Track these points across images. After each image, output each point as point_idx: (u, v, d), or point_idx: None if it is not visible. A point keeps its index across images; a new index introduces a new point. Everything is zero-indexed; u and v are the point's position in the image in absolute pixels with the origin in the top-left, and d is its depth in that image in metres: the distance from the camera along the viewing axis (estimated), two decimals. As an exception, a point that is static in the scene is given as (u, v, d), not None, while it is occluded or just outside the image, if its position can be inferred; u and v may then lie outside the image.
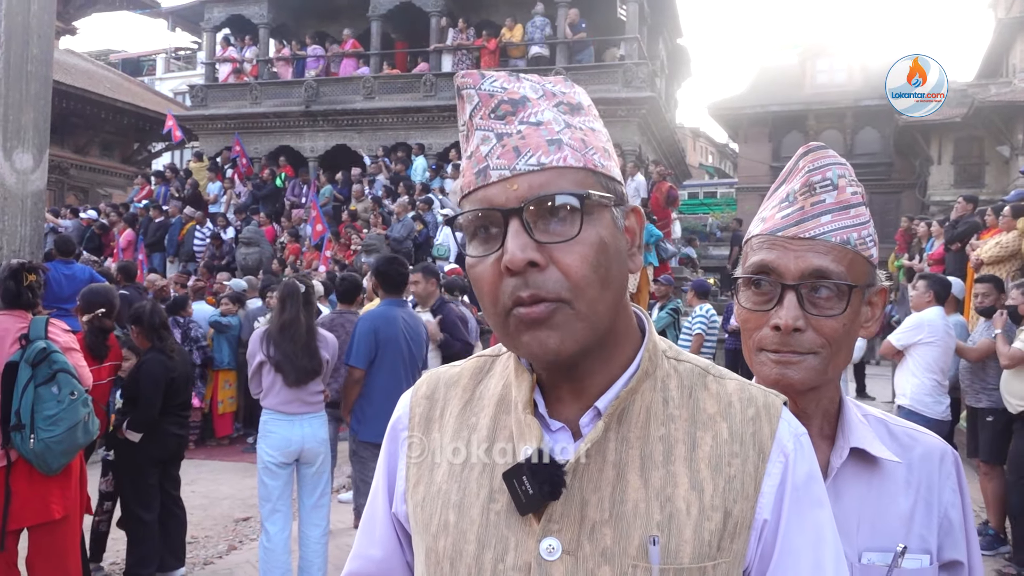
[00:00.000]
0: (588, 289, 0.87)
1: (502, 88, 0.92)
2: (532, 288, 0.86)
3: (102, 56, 33.99)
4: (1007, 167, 20.83)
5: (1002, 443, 5.66)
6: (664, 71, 22.21)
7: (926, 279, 5.88)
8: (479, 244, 0.91)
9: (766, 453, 0.92)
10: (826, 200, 1.21)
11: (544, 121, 0.90)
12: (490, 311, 0.91)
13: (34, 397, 3.55)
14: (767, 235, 1.23)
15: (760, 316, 1.22)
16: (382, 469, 1.08)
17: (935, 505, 1.21)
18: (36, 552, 3.77)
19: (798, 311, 1.18)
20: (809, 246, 1.19)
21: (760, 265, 1.22)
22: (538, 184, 0.87)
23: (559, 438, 0.94)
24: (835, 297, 1.19)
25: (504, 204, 0.88)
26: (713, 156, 48.42)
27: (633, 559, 0.87)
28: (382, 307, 4.93)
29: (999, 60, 23.97)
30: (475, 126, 0.92)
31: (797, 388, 1.19)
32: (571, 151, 0.89)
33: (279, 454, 4.44)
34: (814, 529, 0.91)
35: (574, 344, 0.88)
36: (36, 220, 6.47)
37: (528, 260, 0.85)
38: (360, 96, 18.49)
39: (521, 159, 0.88)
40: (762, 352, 1.22)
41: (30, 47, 6.24)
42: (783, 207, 1.24)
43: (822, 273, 1.18)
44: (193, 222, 15.02)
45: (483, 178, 0.89)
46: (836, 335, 1.19)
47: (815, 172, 1.24)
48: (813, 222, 1.20)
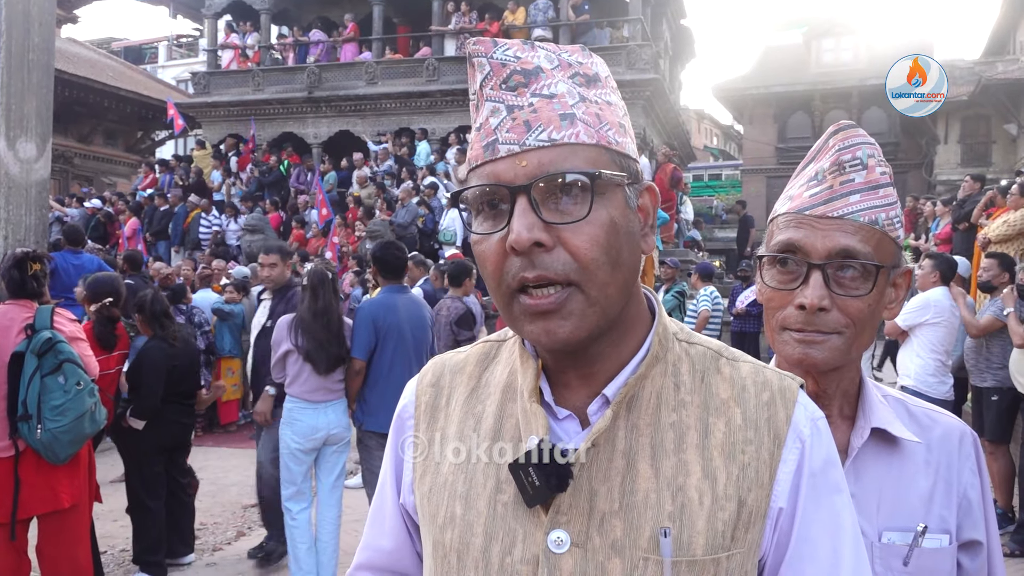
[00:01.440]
0: (598, 272, 0.84)
1: (515, 57, 0.88)
2: (539, 269, 0.83)
3: (104, 44, 33.90)
4: (1014, 145, 20.71)
5: (1007, 422, 5.65)
6: (668, 52, 22.07)
7: (932, 259, 5.86)
8: (485, 220, 0.87)
9: (782, 439, 0.89)
10: (855, 180, 1.20)
11: (558, 94, 0.86)
12: (495, 290, 0.88)
13: (40, 387, 3.55)
14: (794, 213, 1.22)
15: (785, 295, 1.21)
16: (389, 459, 1.06)
17: (954, 485, 1.21)
18: (46, 540, 3.80)
19: (824, 290, 1.17)
20: (837, 225, 1.18)
21: (787, 243, 1.21)
22: (548, 161, 0.83)
23: (566, 427, 0.91)
24: (861, 277, 1.18)
25: (512, 181, 0.84)
26: (718, 138, 48.22)
27: (644, 551, 0.85)
28: (382, 294, 4.91)
29: (1006, 37, 23.78)
30: (485, 96, 0.88)
31: (820, 368, 1.19)
32: (584, 127, 0.85)
33: (305, 441, 4.47)
34: (831, 516, 0.89)
35: (585, 332, 0.85)
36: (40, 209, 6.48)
37: (534, 240, 0.82)
38: (363, 81, 18.43)
39: (531, 134, 0.84)
40: (785, 331, 1.21)
41: (31, 35, 6.22)
42: (811, 186, 1.23)
43: (849, 253, 1.17)
44: (198, 210, 15.02)
45: (491, 152, 0.86)
46: (861, 315, 1.18)
47: (845, 151, 1.22)
48: (841, 201, 1.19)
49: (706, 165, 35.67)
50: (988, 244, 7.56)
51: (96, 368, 3.92)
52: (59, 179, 19.48)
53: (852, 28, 27.34)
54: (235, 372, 9.51)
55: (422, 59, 18.23)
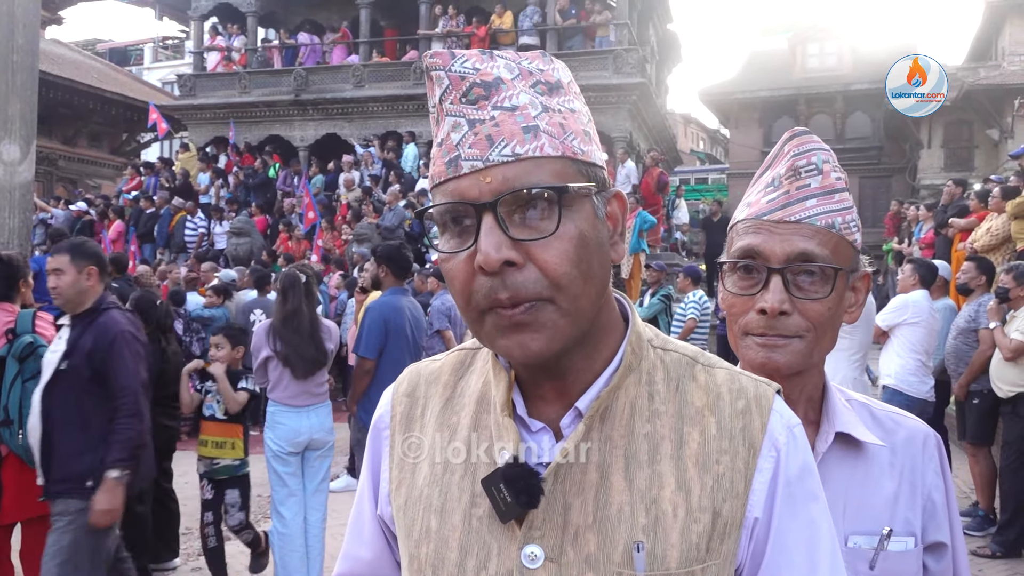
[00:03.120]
0: (570, 286, 0.82)
1: (474, 69, 0.85)
2: (510, 290, 0.81)
3: (89, 46, 33.71)
4: (996, 150, 20.88)
5: (988, 424, 5.72)
6: (654, 57, 22.16)
7: (912, 263, 5.94)
8: (451, 238, 0.85)
9: (756, 448, 0.88)
10: (811, 184, 1.21)
11: (520, 105, 0.84)
12: (463, 309, 0.86)
13: (22, 392, 3.51)
14: (753, 219, 1.23)
15: (746, 300, 1.22)
16: (367, 469, 1.06)
17: (919, 487, 1.22)
18: (29, 547, 3.76)
19: (784, 294, 1.18)
20: (795, 230, 1.19)
21: (746, 249, 1.22)
22: (513, 176, 0.81)
23: (540, 440, 0.90)
24: (820, 281, 1.19)
25: (477, 198, 0.82)
26: (704, 142, 48.40)
27: (618, 566, 0.84)
28: (389, 296, 4.94)
29: (988, 43, 24.00)
30: (445, 111, 0.85)
31: (783, 372, 1.19)
32: (548, 139, 0.83)
33: (287, 444, 4.47)
34: (808, 524, 0.88)
35: (558, 344, 0.84)
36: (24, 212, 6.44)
37: (503, 259, 0.80)
38: (350, 84, 18.41)
39: (495, 149, 0.82)
40: (748, 336, 1.22)
41: (15, 37, 6.19)
42: (768, 192, 1.24)
43: (808, 256, 1.18)
44: (183, 213, 14.95)
45: (454, 168, 0.83)
46: (822, 319, 1.19)
47: (800, 157, 1.23)
48: (798, 206, 1.20)
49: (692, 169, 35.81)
50: (975, 254, 7.64)
51: None
52: (43, 181, 19.34)
53: (837, 33, 27.52)
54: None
55: (409, 62, 18.22)
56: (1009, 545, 5.24)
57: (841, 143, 26.47)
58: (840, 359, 5.12)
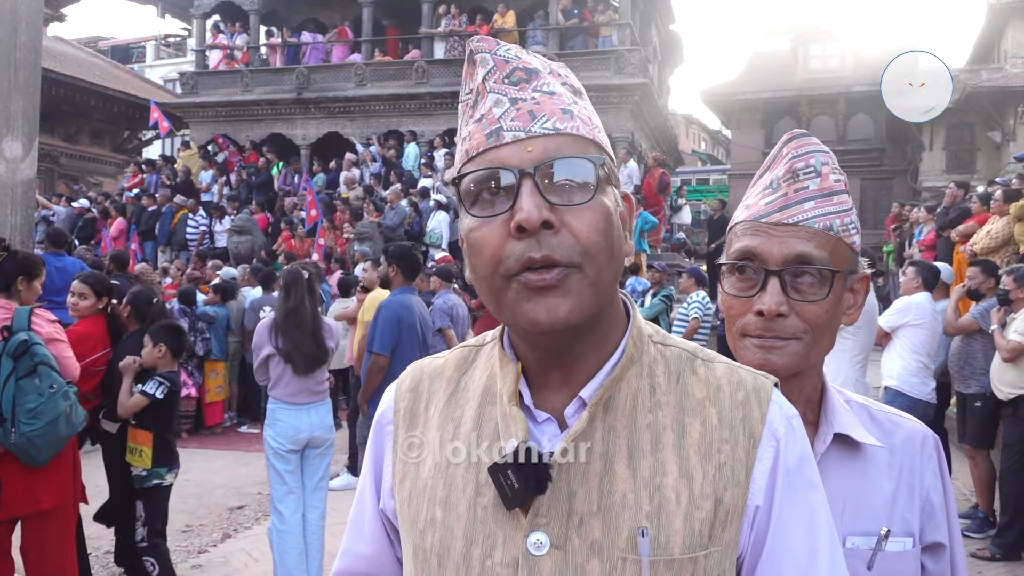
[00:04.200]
0: (599, 255, 0.86)
1: (517, 56, 0.93)
2: (546, 250, 0.84)
3: (91, 43, 33.73)
4: (998, 153, 20.89)
5: (989, 427, 5.72)
6: (657, 57, 22.15)
7: (915, 265, 5.92)
8: (484, 206, 0.88)
9: (756, 438, 0.90)
10: (809, 187, 1.22)
11: (556, 92, 0.91)
12: (488, 277, 0.88)
13: (15, 390, 3.50)
14: (751, 221, 1.24)
15: (744, 302, 1.22)
16: (369, 465, 1.07)
17: (917, 488, 1.23)
18: (29, 542, 3.77)
19: (781, 296, 1.18)
20: (792, 232, 1.19)
21: (744, 251, 1.22)
22: (554, 147, 0.87)
23: (545, 429, 0.93)
24: (818, 283, 1.19)
25: (518, 165, 0.86)
26: (706, 143, 48.39)
27: (622, 551, 0.85)
28: (399, 294, 4.99)
29: (990, 46, 24.00)
30: (488, 89, 0.91)
31: (781, 373, 1.18)
32: (582, 123, 0.90)
33: (287, 442, 4.47)
34: (807, 512, 0.90)
35: (582, 312, 0.86)
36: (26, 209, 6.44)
37: (543, 220, 0.84)
38: (352, 83, 18.41)
39: (536, 122, 0.88)
40: (746, 338, 1.23)
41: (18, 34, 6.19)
42: (767, 194, 1.25)
43: (805, 259, 1.18)
44: (184, 211, 14.95)
45: (496, 139, 0.88)
46: (819, 320, 1.20)
47: (798, 159, 1.24)
48: (796, 208, 1.21)
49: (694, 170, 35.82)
50: (975, 257, 7.64)
51: (76, 370, 3.86)
52: (45, 178, 19.35)
53: (839, 35, 27.53)
54: (219, 374, 9.51)
55: (411, 61, 18.22)
56: (1008, 547, 5.24)
57: (843, 145, 26.47)
58: (842, 360, 5.12)
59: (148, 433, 4.14)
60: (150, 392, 4.08)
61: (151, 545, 4.15)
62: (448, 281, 8.24)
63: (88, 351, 4.32)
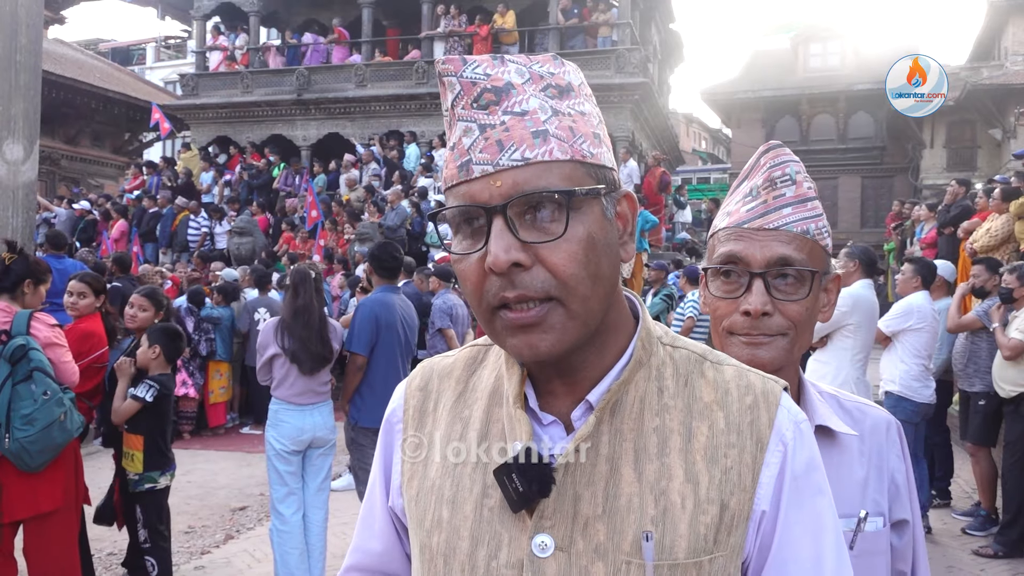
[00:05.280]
0: (579, 287, 0.84)
1: (485, 75, 0.87)
2: (519, 288, 0.83)
3: (91, 45, 33.74)
4: (999, 150, 20.88)
5: (991, 425, 5.71)
6: (657, 56, 22.16)
7: (913, 263, 5.87)
8: (464, 239, 0.88)
9: (764, 443, 0.89)
10: (786, 194, 1.30)
11: (529, 110, 0.86)
12: (476, 307, 0.89)
13: (12, 395, 3.49)
14: (733, 227, 1.32)
15: (730, 303, 1.30)
16: (379, 462, 1.07)
17: (885, 471, 1.32)
18: (31, 544, 3.77)
19: (766, 296, 1.26)
20: (773, 236, 1.28)
21: (728, 255, 1.30)
22: (523, 180, 0.83)
23: (551, 432, 0.92)
24: (798, 283, 1.28)
25: (487, 201, 0.84)
26: (706, 142, 48.37)
27: (627, 555, 0.85)
28: (379, 293, 4.94)
29: (991, 43, 23.98)
30: (457, 116, 0.88)
31: (768, 368, 1.24)
32: (557, 143, 0.85)
33: (290, 442, 4.47)
34: (814, 519, 0.90)
35: (566, 345, 0.86)
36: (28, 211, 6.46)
37: (512, 261, 0.82)
38: (352, 84, 18.42)
39: (504, 154, 0.84)
40: (733, 336, 1.31)
41: (19, 37, 6.20)
42: (747, 201, 1.33)
43: (786, 261, 1.27)
44: (185, 212, 14.96)
45: (465, 172, 0.86)
46: (801, 318, 1.28)
47: (776, 168, 1.32)
48: (776, 214, 1.29)
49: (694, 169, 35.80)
50: (975, 255, 7.63)
51: (75, 375, 3.84)
52: (46, 181, 19.38)
53: (839, 33, 27.51)
54: (223, 374, 9.53)
55: (411, 62, 18.24)
56: (1011, 545, 5.24)
57: (843, 143, 26.48)
58: (843, 359, 5.11)
59: (139, 437, 4.07)
60: (140, 396, 4.01)
61: (154, 546, 4.13)
62: (447, 281, 8.25)
63: (91, 348, 4.33)
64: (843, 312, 5.11)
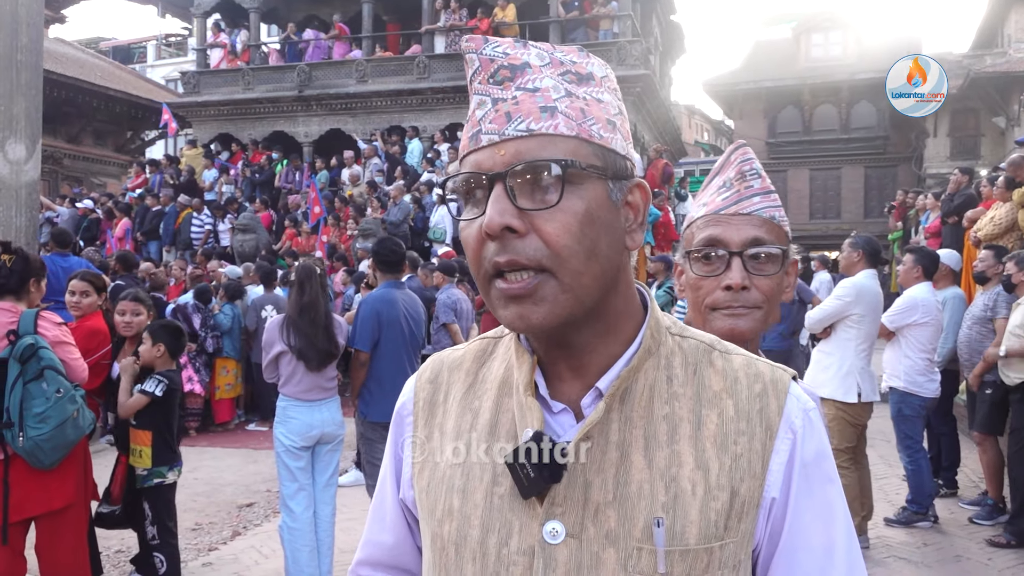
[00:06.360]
0: (571, 259, 0.85)
1: (503, 54, 0.91)
2: (510, 253, 0.85)
3: (92, 44, 33.74)
4: (1003, 138, 20.81)
5: (998, 414, 5.68)
6: (658, 48, 22.09)
7: (913, 253, 5.79)
8: (470, 208, 0.91)
9: (774, 430, 0.90)
10: (755, 185, 1.50)
11: (541, 88, 0.89)
12: (475, 275, 0.91)
13: (23, 394, 3.50)
14: (712, 214, 1.50)
15: (712, 281, 1.47)
16: (389, 455, 1.08)
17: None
18: (43, 541, 3.79)
19: (744, 272, 1.44)
20: (747, 220, 1.47)
21: (709, 239, 1.48)
22: (525, 150, 0.86)
23: (561, 420, 0.93)
24: (769, 261, 1.46)
25: (490, 169, 0.87)
26: (709, 133, 48.24)
27: (638, 541, 0.86)
28: (382, 289, 4.96)
29: (994, 31, 23.88)
30: (474, 90, 0.92)
31: (746, 336, 1.43)
32: (564, 119, 0.87)
33: (299, 439, 4.48)
34: (824, 506, 0.91)
35: (557, 318, 0.87)
36: (31, 211, 6.47)
37: (505, 225, 0.85)
38: (353, 80, 18.40)
39: (511, 124, 0.87)
40: (715, 311, 1.47)
41: (19, 36, 6.20)
42: (722, 191, 1.52)
43: (759, 241, 1.46)
44: (189, 210, 14.98)
45: (475, 142, 0.89)
46: (772, 292, 1.47)
47: (744, 164, 1.53)
48: (747, 202, 1.49)
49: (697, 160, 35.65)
50: (979, 244, 7.61)
51: (84, 371, 3.85)
52: (48, 180, 19.39)
53: (841, 22, 27.42)
54: (230, 371, 9.56)
55: (412, 57, 18.21)
56: (1021, 534, 5.21)
57: (846, 133, 26.41)
58: (847, 349, 5.10)
59: (147, 433, 4.10)
60: (150, 390, 4.03)
61: (162, 542, 4.14)
62: (451, 276, 8.25)
63: (97, 346, 4.34)
64: (847, 302, 5.11)
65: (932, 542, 5.34)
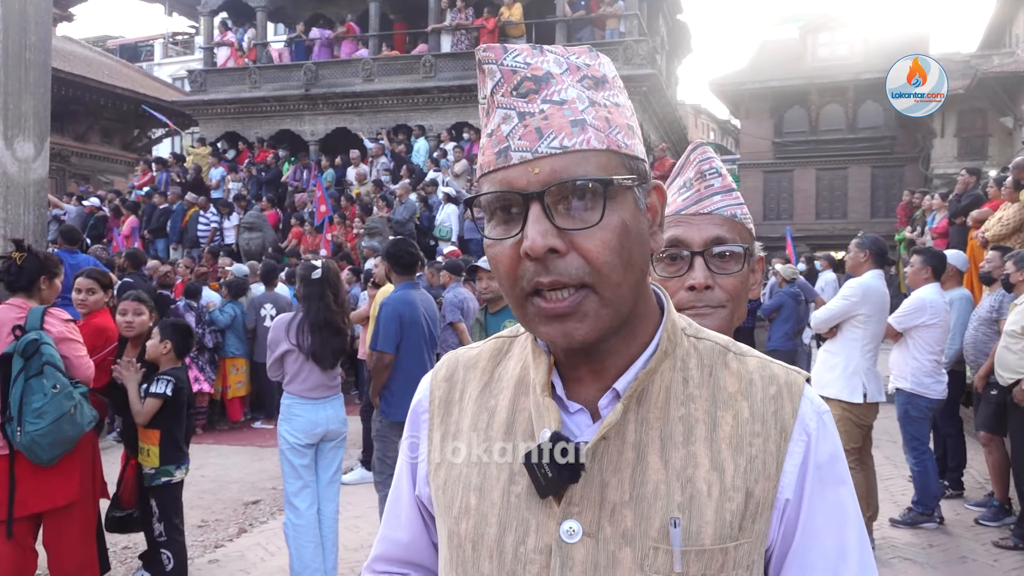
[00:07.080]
0: (611, 274, 0.86)
1: (525, 64, 0.89)
2: (553, 274, 0.85)
3: (100, 42, 33.83)
4: (1011, 138, 20.72)
5: (1003, 415, 5.67)
6: (664, 48, 22.07)
7: (921, 254, 5.77)
8: (498, 225, 0.89)
9: (788, 432, 0.91)
10: (715, 184, 1.50)
11: (568, 100, 0.88)
12: (509, 293, 0.90)
13: (24, 389, 3.52)
14: (673, 215, 1.49)
15: (676, 281, 1.46)
16: (405, 452, 1.09)
17: None
18: (50, 537, 3.81)
19: (707, 271, 1.44)
20: (708, 220, 1.47)
21: (671, 240, 1.47)
22: (560, 168, 0.85)
23: (578, 420, 0.94)
24: (732, 259, 1.46)
25: (525, 187, 0.85)
26: (715, 133, 48.19)
27: (654, 541, 0.87)
28: (400, 291, 5.00)
29: (1002, 31, 23.80)
30: (496, 103, 0.89)
31: None
32: (595, 132, 0.87)
33: (304, 436, 4.50)
34: (837, 507, 0.92)
35: (600, 332, 0.87)
36: (39, 208, 6.48)
37: (548, 247, 0.84)
38: (359, 79, 18.42)
39: (543, 141, 0.85)
40: (680, 311, 1.43)
41: (28, 34, 6.22)
42: (683, 192, 1.52)
43: (721, 240, 1.45)
44: (195, 208, 15.01)
45: (504, 159, 0.87)
46: (737, 290, 1.46)
47: (704, 163, 1.52)
48: (708, 201, 1.48)
49: (703, 160, 35.67)
50: (987, 244, 7.59)
51: (89, 368, 3.86)
52: (56, 178, 19.45)
53: (848, 22, 27.33)
54: (240, 370, 9.58)
55: (419, 56, 18.22)
56: (1028, 537, 5.19)
57: (853, 132, 26.33)
58: (853, 349, 5.09)
59: (156, 432, 4.11)
60: (160, 392, 4.04)
61: (169, 539, 4.16)
62: (457, 275, 8.25)
63: (104, 343, 4.37)
64: (853, 302, 5.10)
65: (938, 543, 5.33)
